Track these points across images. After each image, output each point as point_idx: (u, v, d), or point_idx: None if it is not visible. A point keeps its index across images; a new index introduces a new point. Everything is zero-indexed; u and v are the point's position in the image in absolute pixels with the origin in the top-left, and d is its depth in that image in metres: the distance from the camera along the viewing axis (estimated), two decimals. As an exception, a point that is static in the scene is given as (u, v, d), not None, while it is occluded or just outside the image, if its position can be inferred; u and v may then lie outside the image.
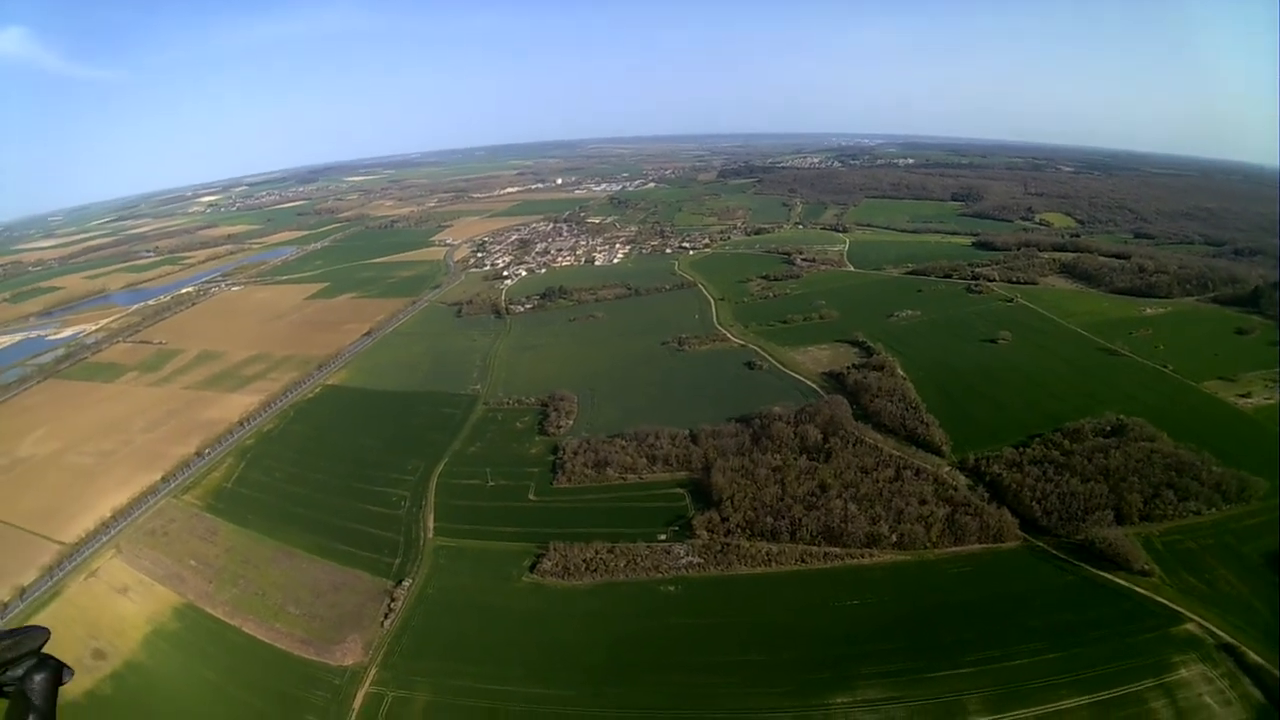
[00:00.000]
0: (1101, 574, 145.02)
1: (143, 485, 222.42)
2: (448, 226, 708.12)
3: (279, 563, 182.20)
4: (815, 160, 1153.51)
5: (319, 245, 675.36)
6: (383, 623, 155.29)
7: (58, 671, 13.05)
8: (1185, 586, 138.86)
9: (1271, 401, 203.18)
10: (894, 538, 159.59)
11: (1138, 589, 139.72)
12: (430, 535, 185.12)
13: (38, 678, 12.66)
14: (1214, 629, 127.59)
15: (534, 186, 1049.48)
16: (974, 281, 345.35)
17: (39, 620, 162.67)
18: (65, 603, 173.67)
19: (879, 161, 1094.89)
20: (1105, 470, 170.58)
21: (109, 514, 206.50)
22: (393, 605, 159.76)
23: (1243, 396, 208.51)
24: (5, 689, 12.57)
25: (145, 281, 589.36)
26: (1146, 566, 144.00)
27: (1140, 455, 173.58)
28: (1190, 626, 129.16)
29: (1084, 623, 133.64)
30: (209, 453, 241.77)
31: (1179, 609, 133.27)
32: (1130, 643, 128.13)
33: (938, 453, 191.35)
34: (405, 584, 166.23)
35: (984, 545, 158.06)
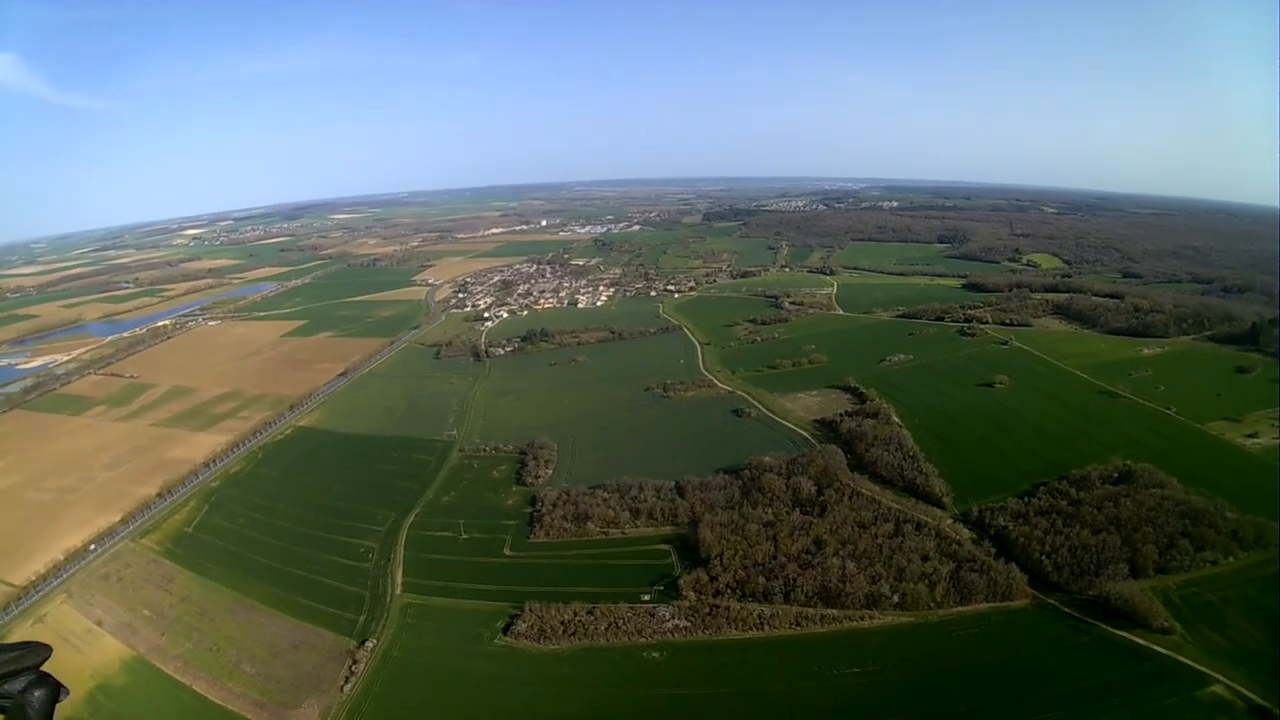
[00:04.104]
0: (1118, 633, 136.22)
1: (100, 526, 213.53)
2: (430, 266, 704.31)
3: (236, 616, 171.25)
4: (800, 204, 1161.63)
5: (299, 282, 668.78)
6: (343, 687, 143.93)
7: (56, 690, 12.24)
8: (1208, 644, 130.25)
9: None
10: (895, 598, 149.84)
11: (1158, 648, 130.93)
12: (398, 591, 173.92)
13: (37, 693, 11.93)
14: (1242, 690, 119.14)
15: (518, 228, 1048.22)
16: (967, 324, 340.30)
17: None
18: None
19: (864, 205, 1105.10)
20: (1116, 520, 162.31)
21: (62, 556, 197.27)
22: (354, 668, 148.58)
23: (1250, 437, 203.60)
24: (3, 703, 11.86)
25: (122, 313, 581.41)
26: (1166, 623, 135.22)
27: (1152, 503, 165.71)
28: (1217, 689, 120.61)
29: (1103, 688, 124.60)
30: (172, 494, 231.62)
31: (1204, 669, 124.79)
32: (1155, 709, 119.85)
33: (939, 504, 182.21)
34: (369, 644, 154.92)
35: (991, 604, 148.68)
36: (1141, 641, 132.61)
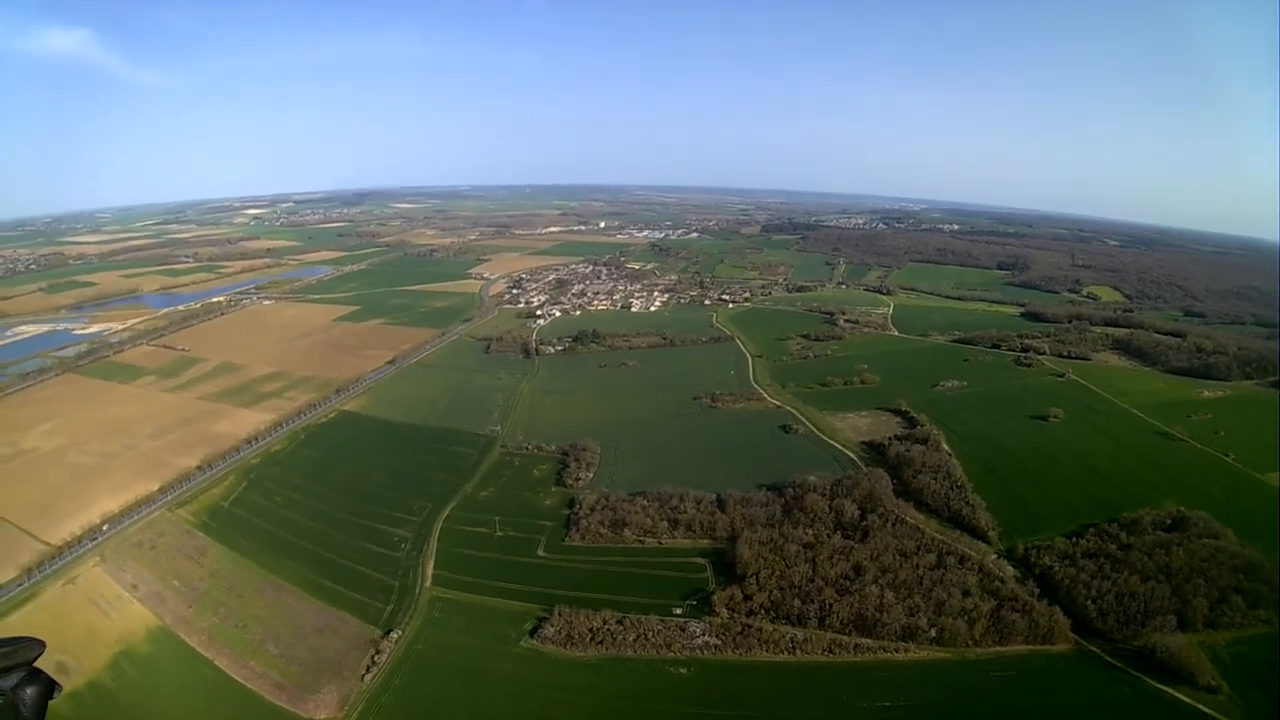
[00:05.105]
0: (1162, 687, 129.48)
1: (139, 493, 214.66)
2: (486, 260, 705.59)
3: (265, 594, 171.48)
4: (859, 221, 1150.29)
5: (355, 267, 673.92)
6: (363, 676, 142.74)
7: (49, 687, 12.63)
8: (1257, 708, 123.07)
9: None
10: (933, 632, 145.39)
11: (1203, 708, 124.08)
12: (428, 583, 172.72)
13: (29, 690, 12.24)
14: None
15: (576, 228, 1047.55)
16: (1023, 354, 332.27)
17: (6, 624, 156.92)
18: (38, 608, 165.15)
19: (924, 226, 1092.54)
20: (1167, 569, 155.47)
21: (99, 520, 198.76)
22: (377, 658, 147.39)
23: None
24: None
25: (179, 286, 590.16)
26: (1213, 681, 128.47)
27: (1205, 554, 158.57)
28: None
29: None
30: (212, 468, 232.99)
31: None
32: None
33: (984, 539, 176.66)
34: (394, 635, 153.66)
35: (1031, 646, 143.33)
36: (1186, 699, 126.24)
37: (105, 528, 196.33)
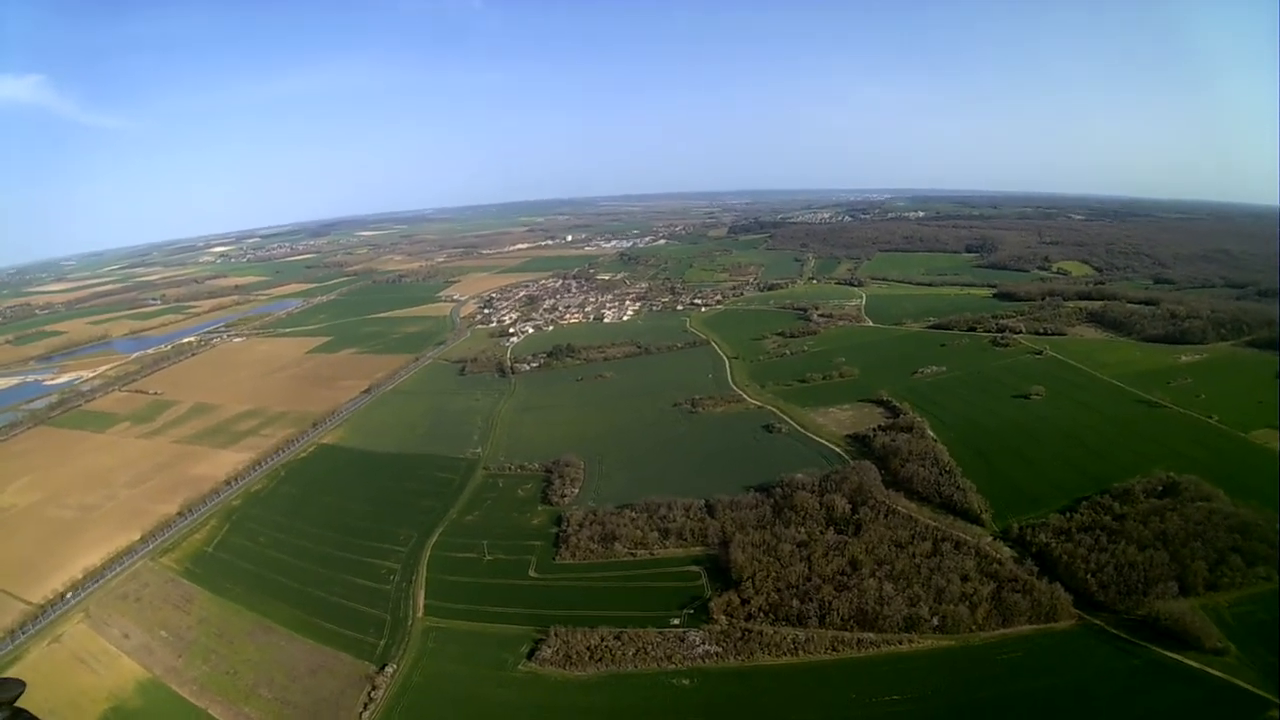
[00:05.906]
0: (1170, 654, 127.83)
1: (120, 544, 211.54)
2: (455, 282, 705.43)
3: (255, 638, 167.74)
4: (825, 215, 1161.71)
5: (325, 299, 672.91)
6: (360, 714, 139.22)
7: None
8: (1266, 666, 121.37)
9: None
10: (935, 620, 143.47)
11: (1213, 671, 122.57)
12: (420, 614, 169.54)
13: None
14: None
15: (544, 243, 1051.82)
16: (999, 334, 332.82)
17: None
18: (24, 670, 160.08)
19: (889, 215, 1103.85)
20: (1163, 535, 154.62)
21: (81, 575, 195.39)
22: (373, 694, 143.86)
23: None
24: None
25: (148, 329, 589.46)
26: (1220, 644, 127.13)
27: (1199, 517, 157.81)
28: (1277, 714, 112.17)
29: (1157, 715, 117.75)
30: (192, 513, 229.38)
31: (1264, 694, 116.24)
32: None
33: (977, 522, 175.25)
34: (389, 670, 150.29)
35: (1035, 626, 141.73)
36: (1195, 664, 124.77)
37: (84, 585, 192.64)
